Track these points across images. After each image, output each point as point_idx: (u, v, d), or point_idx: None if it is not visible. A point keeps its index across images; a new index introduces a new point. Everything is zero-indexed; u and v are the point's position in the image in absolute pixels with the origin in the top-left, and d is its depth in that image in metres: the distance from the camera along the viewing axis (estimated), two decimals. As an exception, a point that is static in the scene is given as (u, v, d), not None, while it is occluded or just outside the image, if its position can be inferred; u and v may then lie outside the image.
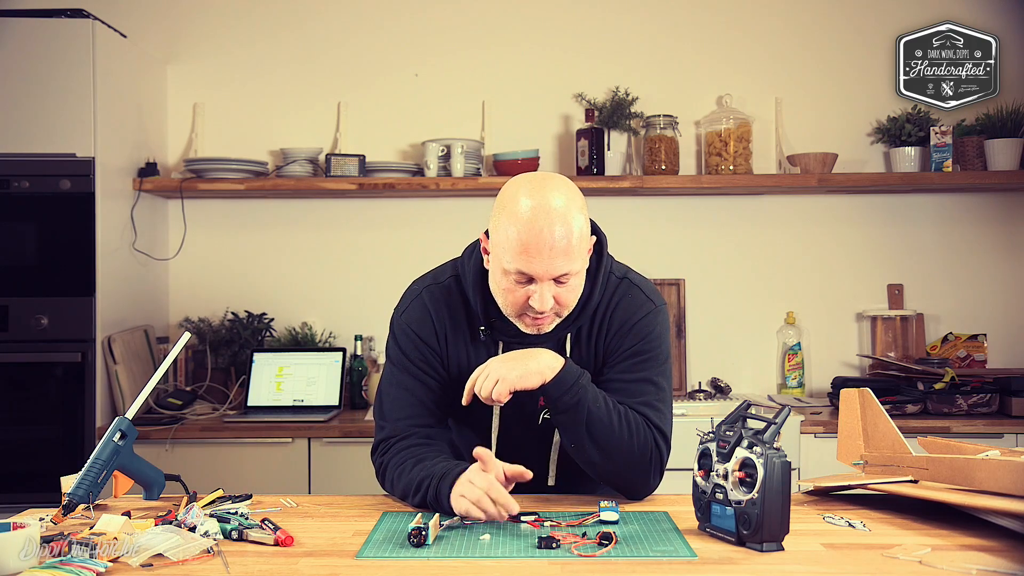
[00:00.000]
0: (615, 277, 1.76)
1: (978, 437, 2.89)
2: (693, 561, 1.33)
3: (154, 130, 3.44)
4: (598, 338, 1.73)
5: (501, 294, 1.63)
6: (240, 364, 3.33)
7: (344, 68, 3.54)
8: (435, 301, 1.75)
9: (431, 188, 3.29)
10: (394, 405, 1.74)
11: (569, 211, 1.56)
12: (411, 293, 1.79)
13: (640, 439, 1.63)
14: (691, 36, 3.52)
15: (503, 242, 1.57)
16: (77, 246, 2.94)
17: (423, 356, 1.74)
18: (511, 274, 1.58)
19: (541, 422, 1.76)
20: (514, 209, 1.56)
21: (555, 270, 1.56)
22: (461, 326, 1.74)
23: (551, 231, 1.53)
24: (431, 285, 1.77)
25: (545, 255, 1.54)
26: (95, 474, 1.58)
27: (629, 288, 1.75)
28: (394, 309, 1.81)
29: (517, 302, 1.61)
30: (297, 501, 1.70)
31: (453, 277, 1.77)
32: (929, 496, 1.52)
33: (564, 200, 1.56)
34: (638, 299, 1.73)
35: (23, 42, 2.92)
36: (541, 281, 1.57)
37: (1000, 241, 3.47)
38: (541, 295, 1.57)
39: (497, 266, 1.61)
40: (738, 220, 3.51)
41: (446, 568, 1.30)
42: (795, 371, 3.41)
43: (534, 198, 1.56)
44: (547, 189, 1.57)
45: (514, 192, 1.60)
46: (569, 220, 1.55)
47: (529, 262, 1.55)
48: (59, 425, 2.93)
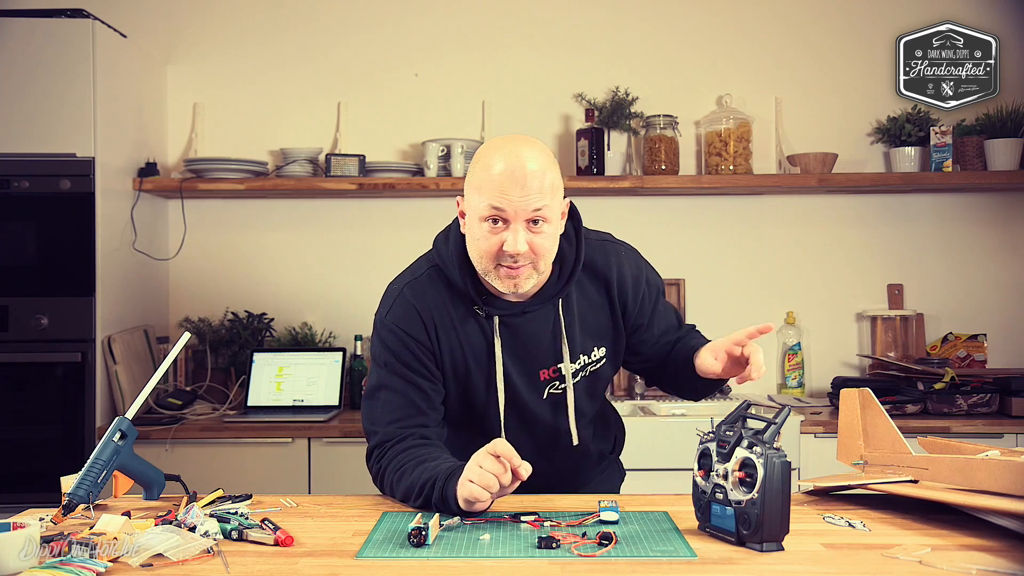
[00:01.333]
0: (595, 239, 1.81)
1: (978, 437, 2.89)
2: (693, 561, 1.33)
3: (154, 130, 3.44)
4: (611, 301, 1.78)
5: (476, 247, 1.64)
6: (240, 364, 3.33)
7: (344, 68, 3.54)
8: (418, 295, 1.73)
9: (431, 188, 3.29)
10: (384, 409, 1.71)
11: (542, 154, 1.62)
12: (392, 293, 1.77)
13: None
14: (691, 36, 3.52)
15: (478, 186, 1.61)
16: (77, 246, 2.94)
17: (413, 354, 1.72)
18: (486, 219, 1.60)
19: (546, 396, 1.77)
20: (487, 156, 1.63)
21: (528, 204, 1.58)
22: (449, 313, 1.73)
23: (523, 166, 1.58)
24: (411, 281, 1.75)
25: (519, 187, 1.57)
26: (95, 474, 1.58)
27: (615, 249, 1.82)
28: (375, 313, 1.78)
29: (491, 250, 1.61)
30: (297, 501, 1.69)
31: (432, 268, 1.76)
32: (929, 496, 1.52)
33: (536, 148, 1.63)
34: (632, 254, 1.84)
35: (23, 42, 2.92)
36: (515, 221, 1.59)
37: (1000, 241, 3.47)
38: (515, 237, 1.59)
39: (473, 217, 1.63)
40: (738, 220, 3.51)
41: (446, 568, 1.30)
42: (795, 371, 3.41)
43: (507, 145, 1.62)
44: (520, 140, 1.64)
45: (487, 145, 1.66)
46: (543, 161, 1.61)
47: (504, 196, 1.58)
48: (59, 425, 2.93)
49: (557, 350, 1.75)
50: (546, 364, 1.76)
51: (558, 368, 1.76)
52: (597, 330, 1.78)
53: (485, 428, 1.77)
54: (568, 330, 1.75)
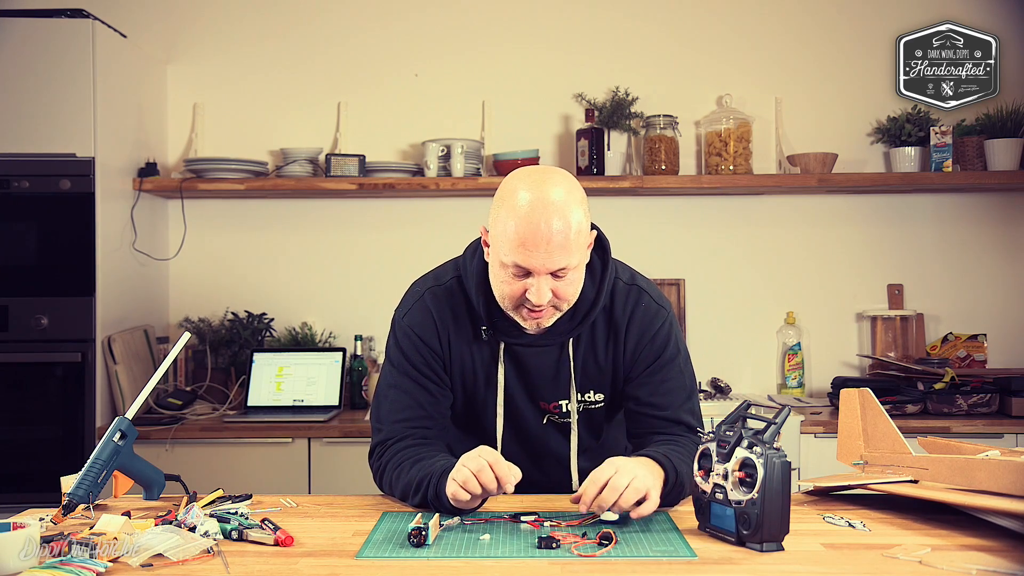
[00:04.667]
0: (623, 283, 1.74)
1: (978, 437, 2.89)
2: (693, 561, 1.33)
3: (154, 130, 3.44)
4: (616, 349, 1.73)
5: (498, 287, 1.62)
6: (240, 364, 3.33)
7: (344, 68, 3.54)
8: (438, 302, 1.74)
9: (431, 188, 3.29)
10: (392, 408, 1.73)
11: (568, 205, 1.55)
12: (413, 294, 1.78)
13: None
14: (691, 36, 3.52)
15: (501, 235, 1.56)
16: (77, 246, 2.94)
17: (424, 359, 1.73)
18: (508, 267, 1.57)
19: (546, 422, 1.76)
20: (513, 202, 1.56)
21: (552, 264, 1.55)
22: (464, 327, 1.73)
23: (548, 225, 1.52)
24: (434, 287, 1.76)
25: (542, 249, 1.53)
26: (95, 474, 1.58)
27: (640, 295, 1.74)
28: (395, 309, 1.80)
29: (514, 295, 1.60)
30: (297, 501, 1.69)
31: (455, 278, 1.76)
32: (929, 496, 1.52)
33: (563, 193, 1.55)
34: (651, 308, 1.73)
35: (23, 42, 2.92)
36: (538, 275, 1.56)
37: (1000, 241, 3.46)
38: (538, 288, 1.56)
39: (495, 259, 1.60)
40: (738, 220, 3.51)
41: (446, 568, 1.30)
42: (795, 371, 3.41)
43: (533, 191, 1.55)
44: (546, 183, 1.56)
45: (514, 185, 1.59)
46: (567, 214, 1.54)
47: (526, 256, 1.54)
48: (59, 425, 2.93)
49: (560, 387, 1.74)
50: (547, 398, 1.76)
51: (559, 404, 1.76)
52: (597, 374, 1.75)
53: (484, 435, 1.78)
54: (574, 371, 1.73)
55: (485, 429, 1.78)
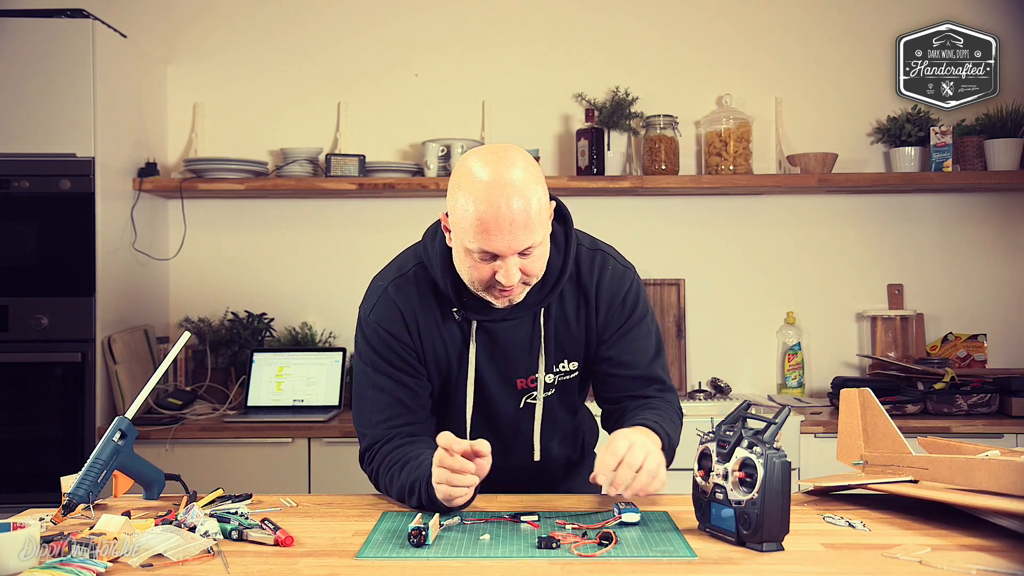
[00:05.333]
0: (586, 248, 1.74)
1: (978, 437, 2.89)
2: (693, 561, 1.33)
3: (154, 130, 3.44)
4: (588, 313, 1.73)
5: (466, 272, 1.60)
6: (240, 364, 3.33)
7: (344, 68, 3.54)
8: (402, 293, 1.71)
9: (431, 188, 3.29)
10: (372, 409, 1.71)
11: (526, 183, 1.52)
12: (376, 289, 1.75)
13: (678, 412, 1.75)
14: (691, 36, 3.52)
15: (462, 221, 1.54)
16: (77, 246, 2.94)
17: (396, 354, 1.70)
18: (474, 252, 1.55)
19: (523, 406, 1.75)
20: (470, 185, 1.52)
21: (518, 245, 1.53)
22: (432, 312, 1.71)
23: (509, 206, 1.50)
24: (396, 278, 1.73)
25: (506, 231, 1.51)
26: (95, 474, 1.58)
27: (605, 259, 1.74)
28: (359, 307, 1.77)
29: (483, 278, 1.58)
30: (297, 501, 1.70)
31: (417, 265, 1.73)
32: (929, 496, 1.52)
33: (520, 172, 1.53)
34: (618, 270, 1.75)
35: (23, 42, 2.92)
36: (505, 258, 1.54)
37: (1000, 241, 3.46)
38: (507, 271, 1.55)
39: (459, 244, 1.58)
40: (738, 220, 3.51)
41: (446, 568, 1.30)
42: (795, 371, 3.41)
43: (489, 171, 1.52)
44: (502, 162, 1.53)
45: (469, 167, 1.55)
46: (527, 192, 1.51)
47: (490, 240, 1.52)
48: (59, 425, 2.93)
49: (533, 360, 1.73)
50: (521, 373, 1.74)
51: (535, 379, 1.74)
52: (571, 342, 1.74)
53: (457, 419, 1.76)
54: (546, 341, 1.72)
55: (458, 413, 1.76)
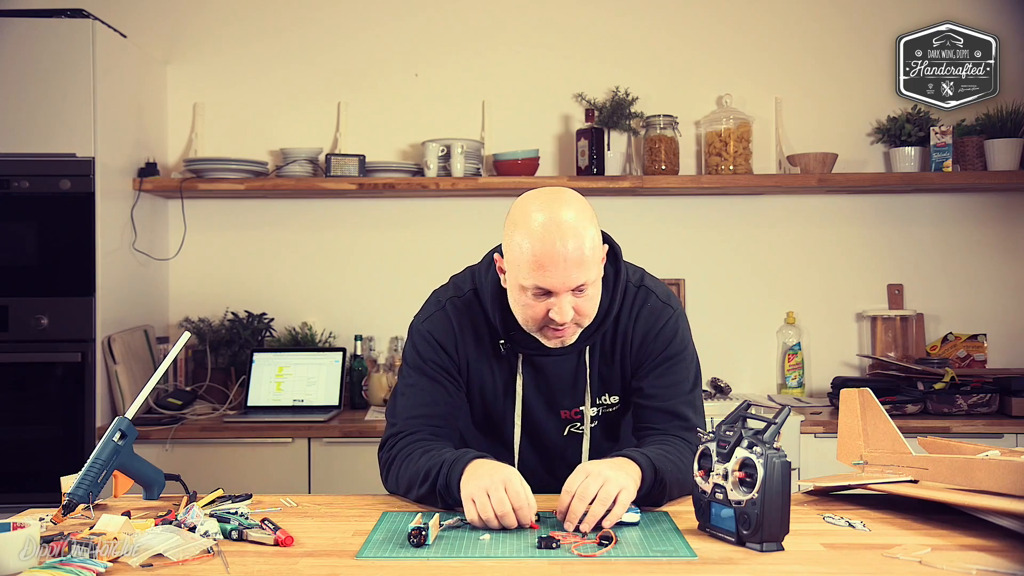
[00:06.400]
0: (632, 285, 1.78)
1: (978, 437, 2.89)
2: (693, 561, 1.33)
3: (154, 130, 3.44)
4: (623, 351, 1.77)
5: (520, 310, 1.64)
6: (240, 364, 3.33)
7: (344, 68, 3.54)
8: (458, 314, 1.77)
9: (431, 188, 3.29)
10: (406, 404, 1.77)
11: (580, 223, 1.58)
12: (435, 303, 1.81)
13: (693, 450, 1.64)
14: (691, 36, 3.52)
15: (517, 259, 1.59)
16: (77, 246, 2.94)
17: (439, 360, 1.76)
18: (528, 290, 1.60)
19: (567, 433, 1.79)
20: (526, 225, 1.58)
21: (571, 282, 1.58)
22: (483, 341, 1.77)
23: (564, 244, 1.55)
24: (454, 297, 1.79)
25: (560, 267, 1.56)
26: (95, 474, 1.58)
27: (647, 296, 1.78)
28: (415, 316, 1.82)
29: (537, 316, 1.62)
30: (297, 501, 1.70)
31: (473, 290, 1.78)
32: (929, 496, 1.52)
33: (574, 213, 1.59)
34: (656, 306, 1.77)
35: (23, 42, 2.92)
36: (559, 294, 1.59)
37: (1000, 241, 3.46)
38: (560, 307, 1.59)
39: (514, 283, 1.63)
40: (738, 220, 3.51)
41: (446, 568, 1.30)
42: (795, 371, 3.41)
43: (545, 213, 1.58)
44: (557, 203, 1.60)
45: (525, 209, 1.61)
46: (581, 232, 1.57)
47: (545, 276, 1.57)
48: (59, 425, 2.93)
49: (578, 393, 1.78)
50: (566, 405, 1.79)
51: (579, 411, 1.79)
52: (611, 376, 1.79)
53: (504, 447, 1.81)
54: (590, 377, 1.77)
55: (505, 441, 1.81)
